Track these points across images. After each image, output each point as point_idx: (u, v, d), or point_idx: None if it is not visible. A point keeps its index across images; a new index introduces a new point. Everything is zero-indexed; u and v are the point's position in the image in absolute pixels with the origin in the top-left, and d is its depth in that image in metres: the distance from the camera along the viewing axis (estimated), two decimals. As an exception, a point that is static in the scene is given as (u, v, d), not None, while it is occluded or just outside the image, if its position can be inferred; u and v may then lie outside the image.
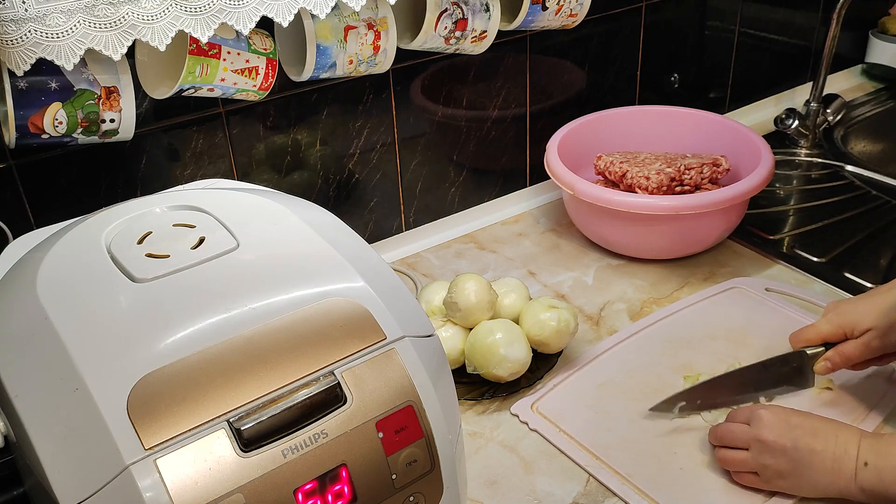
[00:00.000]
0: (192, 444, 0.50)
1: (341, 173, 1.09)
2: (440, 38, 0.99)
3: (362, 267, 0.61)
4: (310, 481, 0.53)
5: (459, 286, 0.91)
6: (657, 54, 1.33)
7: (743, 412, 0.79)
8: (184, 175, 0.97)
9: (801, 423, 0.74)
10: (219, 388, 0.52)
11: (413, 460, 0.57)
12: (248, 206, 0.68)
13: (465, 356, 0.90)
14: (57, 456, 0.50)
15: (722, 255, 1.14)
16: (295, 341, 0.55)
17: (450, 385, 0.62)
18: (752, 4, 1.42)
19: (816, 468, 0.72)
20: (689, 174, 1.11)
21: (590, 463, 0.81)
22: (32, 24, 0.72)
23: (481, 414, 0.89)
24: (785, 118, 1.40)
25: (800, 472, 0.73)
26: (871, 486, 0.70)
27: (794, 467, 0.73)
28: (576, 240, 1.19)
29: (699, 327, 0.99)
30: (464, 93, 1.15)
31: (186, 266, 0.59)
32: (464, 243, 1.20)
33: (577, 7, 1.08)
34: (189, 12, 0.78)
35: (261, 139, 1.01)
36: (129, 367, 0.52)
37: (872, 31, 1.62)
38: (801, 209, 1.27)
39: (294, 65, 0.95)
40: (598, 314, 1.03)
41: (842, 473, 0.71)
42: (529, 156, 1.26)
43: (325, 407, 0.54)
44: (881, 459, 0.70)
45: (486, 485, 0.80)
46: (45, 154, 0.87)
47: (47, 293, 0.57)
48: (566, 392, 0.91)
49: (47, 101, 0.78)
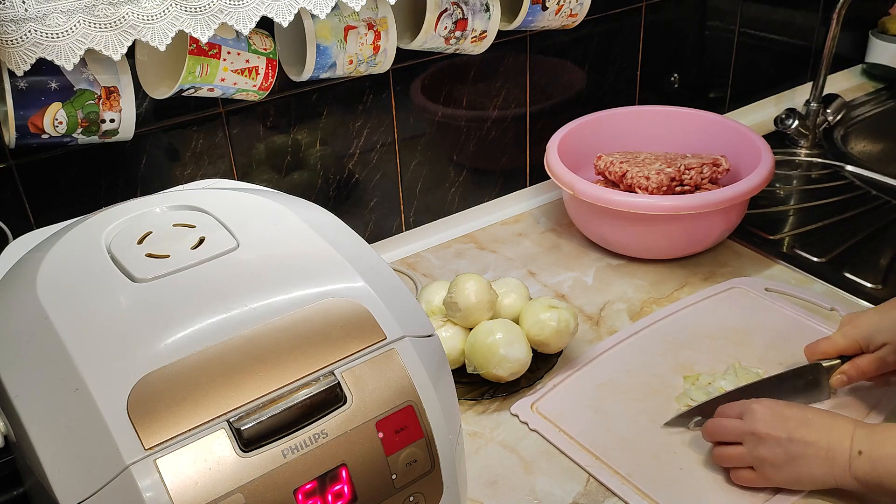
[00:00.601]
0: (192, 444, 0.50)
1: (341, 173, 1.09)
2: (440, 38, 0.99)
3: (362, 267, 0.61)
4: (310, 481, 0.53)
5: (459, 286, 0.91)
6: (657, 54, 1.33)
7: (734, 407, 0.79)
8: (184, 175, 0.97)
9: (795, 415, 0.74)
10: (219, 388, 0.52)
11: (413, 460, 0.57)
12: (248, 206, 0.68)
13: (465, 356, 0.90)
14: (57, 456, 0.50)
15: (722, 255, 1.14)
16: (295, 341, 0.55)
17: (450, 385, 0.62)
18: (752, 4, 1.42)
19: (811, 459, 0.73)
20: (689, 174, 1.11)
21: (590, 463, 0.81)
22: (32, 24, 0.72)
23: (481, 414, 0.89)
24: (785, 118, 1.40)
25: (795, 463, 0.73)
26: (865, 474, 0.70)
27: (789, 458, 0.73)
28: (576, 240, 1.19)
29: (699, 327, 0.99)
30: (464, 93, 1.15)
31: (186, 266, 0.59)
32: (464, 243, 1.20)
33: (577, 7, 1.08)
34: (189, 12, 0.78)
35: (261, 139, 1.01)
36: (129, 367, 0.52)
37: (872, 31, 1.61)
38: (801, 209, 1.27)
39: (294, 65, 0.95)
40: (598, 314, 1.03)
41: (836, 463, 0.71)
42: (529, 156, 1.26)
43: (325, 407, 0.54)
44: (875, 448, 0.70)
45: (486, 485, 0.80)
46: (45, 154, 0.87)
47: (47, 293, 0.57)
48: (566, 392, 0.91)
49: (47, 101, 0.78)
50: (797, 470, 0.73)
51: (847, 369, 0.84)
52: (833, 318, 0.99)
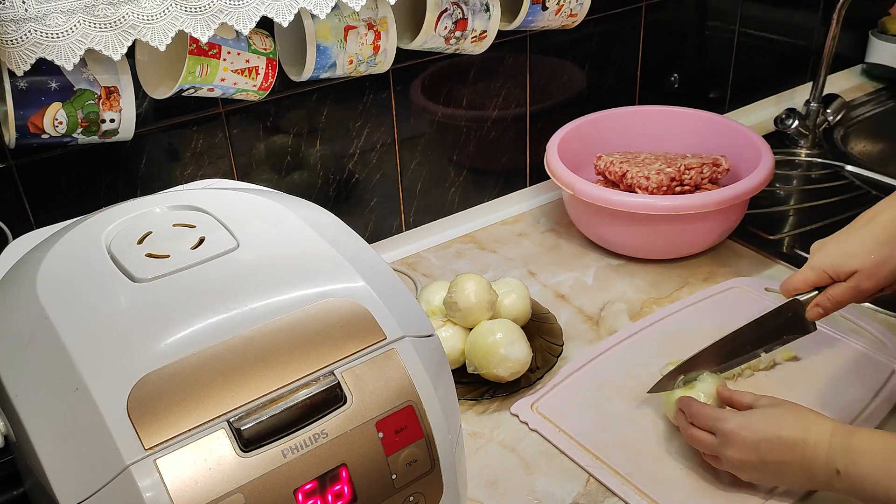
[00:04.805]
0: (192, 444, 0.50)
1: (341, 173, 1.09)
2: (440, 38, 0.99)
3: (362, 267, 0.61)
4: (310, 481, 0.53)
5: (459, 286, 0.91)
6: (657, 54, 1.33)
7: (704, 419, 0.76)
8: (184, 175, 0.97)
9: (766, 437, 0.72)
10: (219, 388, 0.52)
11: (413, 460, 0.57)
12: (248, 206, 0.68)
13: (465, 356, 0.90)
14: (57, 456, 0.50)
15: (722, 255, 1.14)
16: (295, 341, 0.55)
17: (450, 385, 0.62)
18: (752, 4, 1.42)
19: (788, 476, 0.72)
20: (689, 174, 1.11)
21: (590, 463, 0.81)
22: (32, 24, 0.72)
23: (481, 414, 0.89)
24: (785, 118, 1.40)
25: (773, 479, 0.74)
26: (847, 491, 0.68)
27: (766, 476, 0.73)
28: (576, 240, 1.19)
29: (699, 327, 0.98)
30: (464, 93, 1.15)
31: (186, 266, 0.59)
32: (464, 243, 1.20)
33: (577, 7, 1.08)
34: (189, 12, 0.78)
35: (261, 139, 1.01)
36: (129, 367, 0.52)
37: (872, 31, 1.62)
38: (801, 209, 1.27)
39: (294, 65, 0.95)
40: (598, 314, 1.03)
41: (815, 479, 0.70)
42: (529, 156, 1.26)
43: (325, 407, 0.54)
44: (852, 466, 0.67)
45: (486, 485, 0.80)
46: (45, 154, 0.87)
47: (47, 293, 0.57)
48: (566, 392, 0.91)
49: (47, 101, 0.78)
50: (775, 480, 0.74)
51: (821, 301, 0.81)
52: (833, 318, 0.98)
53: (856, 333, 0.96)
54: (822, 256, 0.81)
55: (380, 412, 0.56)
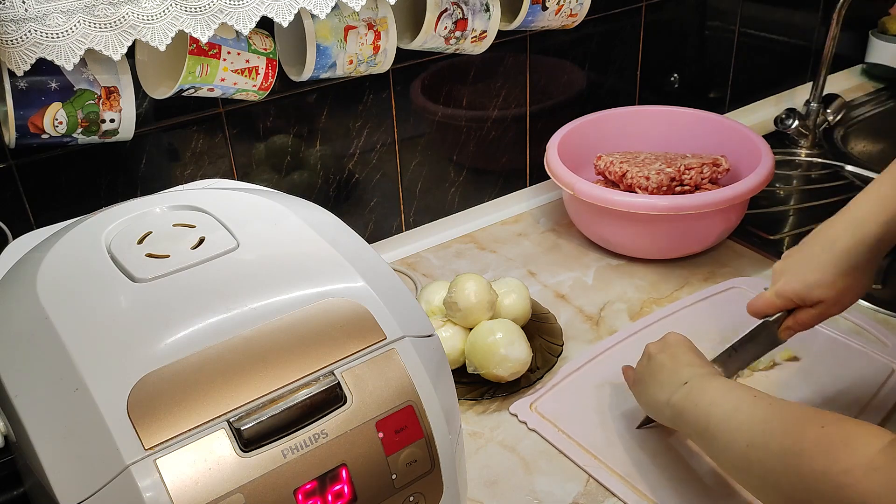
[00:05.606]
0: (192, 444, 0.50)
1: (341, 173, 1.09)
2: (440, 38, 0.99)
3: (362, 267, 0.61)
4: (310, 481, 0.53)
5: (459, 286, 0.91)
6: (657, 54, 1.33)
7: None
8: (184, 175, 0.97)
9: (675, 347, 0.79)
10: (219, 388, 0.52)
11: (413, 460, 0.57)
12: (248, 206, 0.68)
13: (465, 356, 0.90)
14: (57, 456, 0.50)
15: (722, 255, 1.14)
16: (295, 341, 0.55)
17: (450, 385, 0.62)
18: (752, 4, 1.42)
19: (656, 379, 0.77)
20: (689, 174, 1.11)
21: (589, 463, 0.81)
22: (32, 24, 0.72)
23: (481, 414, 0.89)
24: (785, 118, 1.40)
25: (646, 380, 0.79)
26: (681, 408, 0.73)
27: (647, 374, 0.79)
28: (576, 240, 1.19)
29: (699, 327, 0.98)
30: (464, 93, 1.15)
31: (186, 266, 0.59)
32: (464, 243, 1.20)
33: (577, 7, 1.08)
34: (189, 12, 0.78)
35: (261, 139, 1.01)
36: (129, 367, 0.52)
37: (872, 31, 1.62)
38: (801, 209, 1.27)
39: (294, 65, 0.95)
40: (598, 314, 1.03)
41: (666, 387, 0.75)
42: (529, 156, 1.26)
43: (325, 407, 0.54)
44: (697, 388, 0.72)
45: (486, 485, 0.80)
46: (45, 154, 0.87)
47: (47, 293, 0.57)
48: (566, 392, 0.91)
49: (47, 101, 0.78)
50: (645, 386, 0.79)
51: (792, 325, 0.83)
52: (833, 318, 0.98)
53: (856, 333, 0.96)
54: (785, 283, 0.81)
55: (380, 412, 0.56)
